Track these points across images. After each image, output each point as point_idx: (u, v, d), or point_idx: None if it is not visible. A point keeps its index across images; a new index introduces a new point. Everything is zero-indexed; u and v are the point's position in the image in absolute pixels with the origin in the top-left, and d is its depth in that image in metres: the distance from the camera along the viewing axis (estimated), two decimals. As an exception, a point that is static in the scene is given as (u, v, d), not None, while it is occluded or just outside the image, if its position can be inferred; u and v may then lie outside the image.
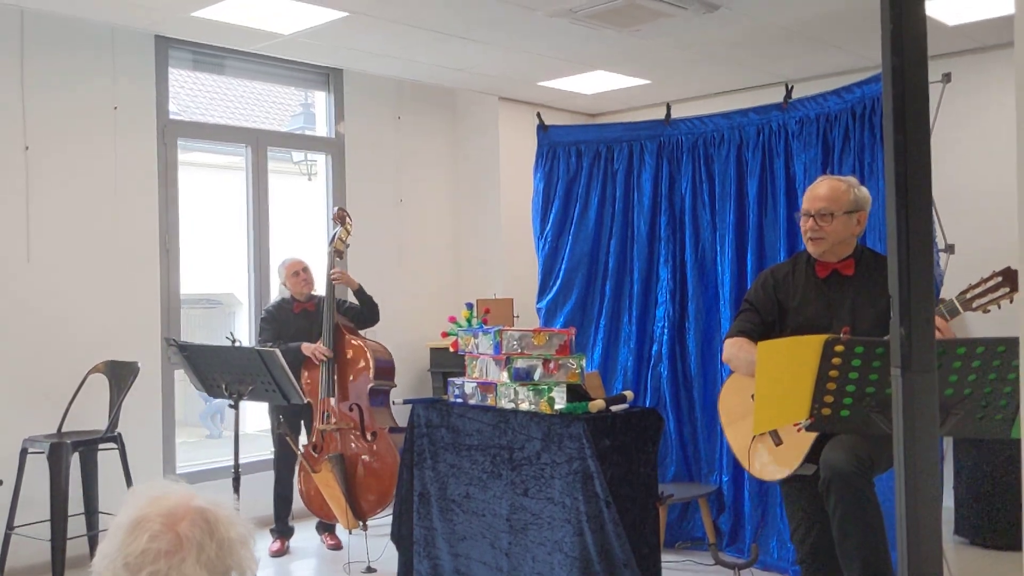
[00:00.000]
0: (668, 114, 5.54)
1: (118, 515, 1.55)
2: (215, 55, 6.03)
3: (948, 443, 5.24)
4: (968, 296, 3.01)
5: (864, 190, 3.48)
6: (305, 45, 5.67)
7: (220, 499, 1.62)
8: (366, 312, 5.54)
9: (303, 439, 5.54)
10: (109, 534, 1.53)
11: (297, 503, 5.53)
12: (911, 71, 1.32)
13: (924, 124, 1.35)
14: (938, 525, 1.37)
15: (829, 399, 2.45)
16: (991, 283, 2.96)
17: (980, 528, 5.13)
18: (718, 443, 5.21)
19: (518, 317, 6.59)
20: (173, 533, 1.49)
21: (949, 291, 3.12)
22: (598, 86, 6.74)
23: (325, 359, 5.27)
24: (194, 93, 8.14)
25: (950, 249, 4.71)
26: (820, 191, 3.40)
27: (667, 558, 4.91)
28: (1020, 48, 1.26)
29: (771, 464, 3.31)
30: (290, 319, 5.54)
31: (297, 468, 5.43)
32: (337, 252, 5.44)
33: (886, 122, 1.37)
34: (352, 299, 5.63)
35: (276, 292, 6.10)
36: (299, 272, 5.53)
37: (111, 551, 1.50)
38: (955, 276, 3.78)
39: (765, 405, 2.54)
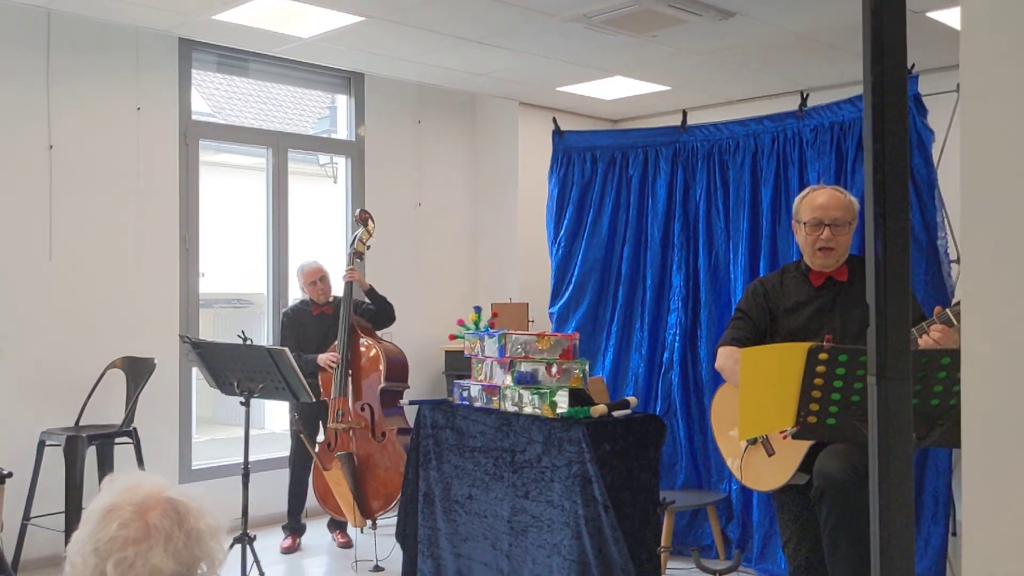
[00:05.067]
0: (684, 121, 5.54)
1: (93, 502, 1.61)
2: (239, 57, 6.11)
3: (957, 455, 5.17)
4: (961, 308, 2.99)
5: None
6: (325, 49, 5.74)
7: (194, 492, 1.67)
8: (380, 313, 5.59)
9: (321, 436, 5.59)
10: (83, 520, 1.58)
11: (311, 500, 5.59)
12: (890, 79, 1.33)
13: (903, 133, 1.36)
14: (911, 533, 1.38)
15: (815, 407, 2.45)
16: None
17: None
18: (728, 451, 5.19)
19: (532, 321, 6.61)
20: (142, 522, 1.54)
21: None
22: (617, 92, 6.74)
23: (335, 366, 5.32)
24: (221, 94, 8.25)
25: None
26: (832, 202, 3.36)
27: (673, 565, 4.92)
28: (965, 55, 1.28)
29: (764, 474, 3.30)
30: (308, 321, 5.60)
31: (312, 466, 5.49)
32: (357, 253, 5.48)
33: (865, 130, 1.38)
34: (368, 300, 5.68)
35: (297, 293, 6.14)
36: (316, 282, 5.58)
37: (83, 537, 1.55)
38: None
39: (749, 412, 2.54)
